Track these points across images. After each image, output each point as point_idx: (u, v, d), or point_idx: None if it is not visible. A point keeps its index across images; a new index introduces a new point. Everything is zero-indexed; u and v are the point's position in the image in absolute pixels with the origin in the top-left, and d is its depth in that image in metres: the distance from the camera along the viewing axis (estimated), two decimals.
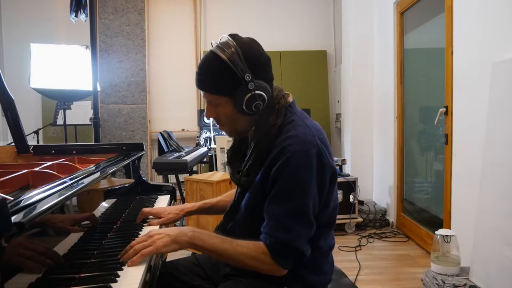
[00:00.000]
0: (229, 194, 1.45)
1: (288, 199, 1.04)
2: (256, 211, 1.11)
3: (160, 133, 3.73)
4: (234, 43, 1.07)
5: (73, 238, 1.05)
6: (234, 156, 1.25)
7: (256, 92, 1.06)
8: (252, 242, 1.07)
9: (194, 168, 4.47)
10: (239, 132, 1.20)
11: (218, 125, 1.19)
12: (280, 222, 1.04)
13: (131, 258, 0.99)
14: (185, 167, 2.97)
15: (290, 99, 1.17)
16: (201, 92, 1.14)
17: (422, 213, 3.36)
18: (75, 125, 3.98)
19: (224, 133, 1.24)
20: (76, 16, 3.00)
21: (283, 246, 1.04)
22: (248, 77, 1.05)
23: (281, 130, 1.09)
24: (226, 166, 1.27)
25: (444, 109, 2.66)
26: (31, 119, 4.67)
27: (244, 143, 1.24)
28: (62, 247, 0.96)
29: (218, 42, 1.11)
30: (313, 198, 1.05)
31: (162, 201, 1.73)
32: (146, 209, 1.39)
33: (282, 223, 1.04)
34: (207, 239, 1.06)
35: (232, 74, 1.05)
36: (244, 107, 1.08)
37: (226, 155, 1.29)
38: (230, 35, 1.10)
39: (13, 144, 1.73)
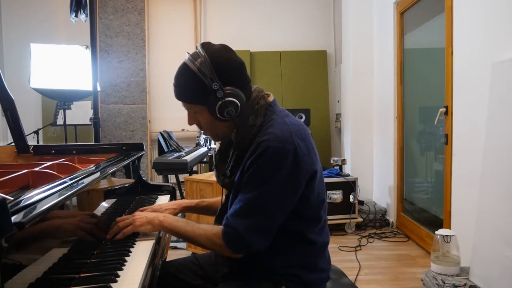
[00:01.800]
0: None
1: (251, 189, 1.07)
2: None
3: (160, 133, 3.73)
4: (204, 53, 1.09)
5: (74, 238, 1.05)
6: (221, 159, 1.27)
7: (227, 99, 1.09)
8: (210, 225, 1.14)
9: (194, 168, 4.47)
10: (222, 137, 1.23)
11: (202, 131, 1.23)
12: (238, 208, 1.08)
13: (116, 235, 1.16)
14: (185, 167, 2.97)
15: (271, 98, 1.19)
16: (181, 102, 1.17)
17: (422, 213, 3.36)
18: (75, 125, 3.98)
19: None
20: (76, 16, 3.00)
21: (233, 232, 1.07)
22: (215, 86, 1.08)
23: (260, 130, 1.11)
24: (213, 169, 1.29)
25: (444, 109, 2.66)
26: (31, 119, 4.67)
27: (230, 146, 1.25)
28: (63, 246, 0.96)
29: (192, 52, 1.14)
30: (279, 193, 1.06)
31: (162, 201, 1.73)
32: (141, 209, 1.37)
33: (240, 210, 1.07)
34: (174, 222, 1.18)
35: (202, 83, 1.08)
36: (217, 114, 1.11)
37: (214, 159, 1.32)
38: (202, 44, 1.13)
39: (13, 144, 1.73)
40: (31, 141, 2.70)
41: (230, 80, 1.10)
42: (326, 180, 3.39)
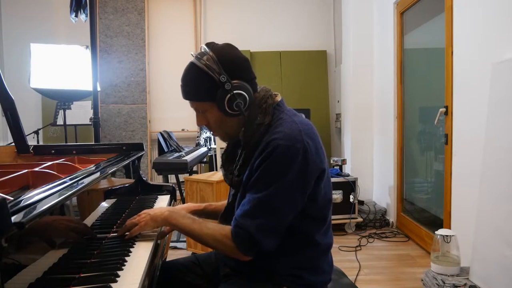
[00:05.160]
0: None
1: (260, 189, 1.06)
2: None
3: (160, 133, 3.73)
4: (209, 50, 1.11)
5: (74, 237, 1.05)
6: (228, 158, 1.27)
7: (235, 91, 1.10)
8: (218, 225, 1.13)
9: (194, 168, 4.47)
10: (231, 136, 1.22)
11: (211, 132, 1.23)
12: (248, 209, 1.07)
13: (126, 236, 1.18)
14: (185, 167, 2.97)
15: (279, 98, 1.20)
16: (189, 102, 1.18)
17: (422, 213, 3.36)
18: (75, 125, 3.98)
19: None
20: (76, 16, 3.00)
21: (243, 233, 1.06)
22: (223, 79, 1.09)
23: (269, 129, 1.12)
24: (220, 169, 1.28)
25: (444, 109, 2.66)
26: (31, 119, 4.66)
27: (237, 146, 1.25)
28: (62, 247, 0.96)
29: (196, 53, 1.15)
30: (289, 193, 1.06)
31: (162, 201, 1.73)
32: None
33: (250, 210, 1.07)
34: (180, 219, 1.17)
35: (210, 79, 1.10)
36: (227, 108, 1.11)
37: (220, 159, 1.32)
38: (206, 44, 1.14)
39: (13, 144, 1.73)
40: (31, 141, 2.70)
41: (237, 74, 1.11)
42: None
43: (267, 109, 1.14)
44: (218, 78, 1.08)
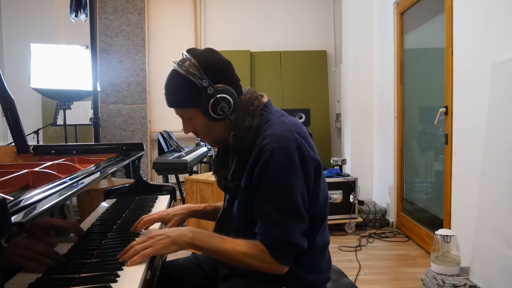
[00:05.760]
0: None
1: (276, 198, 1.05)
2: (249, 216, 1.11)
3: (160, 133, 3.73)
4: (190, 56, 1.11)
5: (73, 237, 1.05)
6: (220, 163, 1.26)
7: (218, 95, 1.09)
8: (251, 241, 1.08)
9: (194, 168, 4.47)
10: (219, 140, 1.22)
11: (199, 138, 1.22)
12: (272, 220, 1.06)
13: (131, 258, 0.99)
14: (185, 167, 2.97)
15: (265, 99, 1.20)
16: (174, 110, 1.17)
17: (422, 213, 3.36)
18: (75, 125, 3.98)
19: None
20: (76, 16, 3.00)
21: (280, 244, 1.05)
22: (205, 83, 1.08)
23: (258, 131, 1.11)
24: (213, 175, 1.27)
25: (444, 109, 2.66)
26: (31, 119, 4.66)
27: (228, 150, 1.24)
28: (62, 246, 0.96)
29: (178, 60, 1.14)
30: (300, 192, 1.06)
31: (162, 201, 1.73)
32: (146, 218, 1.26)
33: (274, 221, 1.06)
34: (207, 239, 1.07)
35: (192, 84, 1.09)
36: (211, 113, 1.10)
37: (212, 165, 1.30)
38: (187, 50, 1.14)
39: (13, 144, 1.73)
40: (31, 141, 2.70)
41: (219, 77, 1.11)
42: (326, 180, 3.39)
43: (254, 111, 1.13)
44: (200, 83, 1.08)
